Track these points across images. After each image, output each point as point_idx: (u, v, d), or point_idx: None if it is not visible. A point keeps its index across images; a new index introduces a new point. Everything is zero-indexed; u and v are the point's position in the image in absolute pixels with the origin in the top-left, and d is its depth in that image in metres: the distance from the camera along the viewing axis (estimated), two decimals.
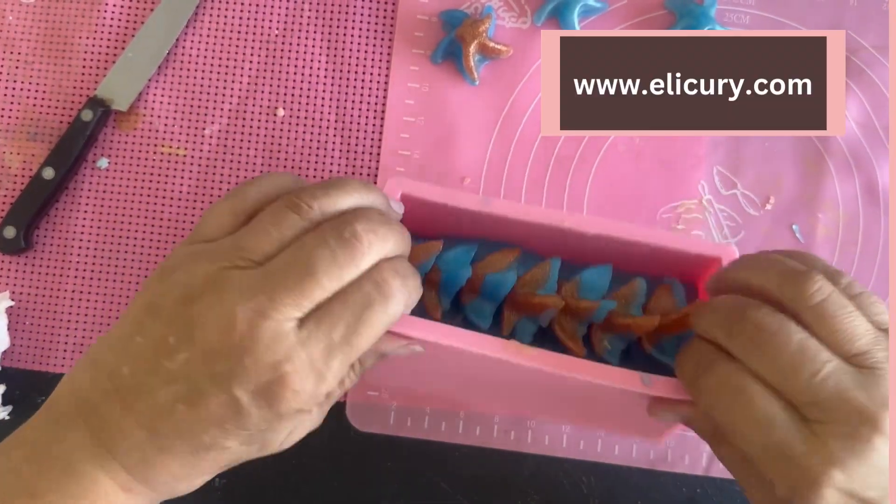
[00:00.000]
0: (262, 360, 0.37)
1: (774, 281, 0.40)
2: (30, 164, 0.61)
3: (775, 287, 0.39)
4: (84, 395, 0.40)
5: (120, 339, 0.40)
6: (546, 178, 0.61)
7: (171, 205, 0.61)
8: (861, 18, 0.62)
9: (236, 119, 0.62)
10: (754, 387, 0.38)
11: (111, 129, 0.62)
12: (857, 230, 0.61)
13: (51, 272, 0.60)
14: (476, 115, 0.62)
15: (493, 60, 0.62)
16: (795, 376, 0.37)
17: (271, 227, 0.40)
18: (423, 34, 0.63)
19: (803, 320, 0.38)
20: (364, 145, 0.62)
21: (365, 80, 0.63)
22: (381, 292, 0.40)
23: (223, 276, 0.39)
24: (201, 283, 0.39)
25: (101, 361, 0.40)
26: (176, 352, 0.38)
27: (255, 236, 0.40)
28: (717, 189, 0.61)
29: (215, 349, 0.38)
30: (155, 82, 0.62)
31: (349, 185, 0.42)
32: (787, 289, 0.39)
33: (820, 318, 0.38)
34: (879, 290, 0.60)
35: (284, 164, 0.61)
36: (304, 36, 0.63)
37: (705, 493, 0.57)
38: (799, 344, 0.37)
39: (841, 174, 0.61)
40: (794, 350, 0.37)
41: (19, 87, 0.62)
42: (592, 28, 0.63)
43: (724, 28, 0.61)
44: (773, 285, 0.40)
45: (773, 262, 0.41)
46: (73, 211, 0.61)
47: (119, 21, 0.63)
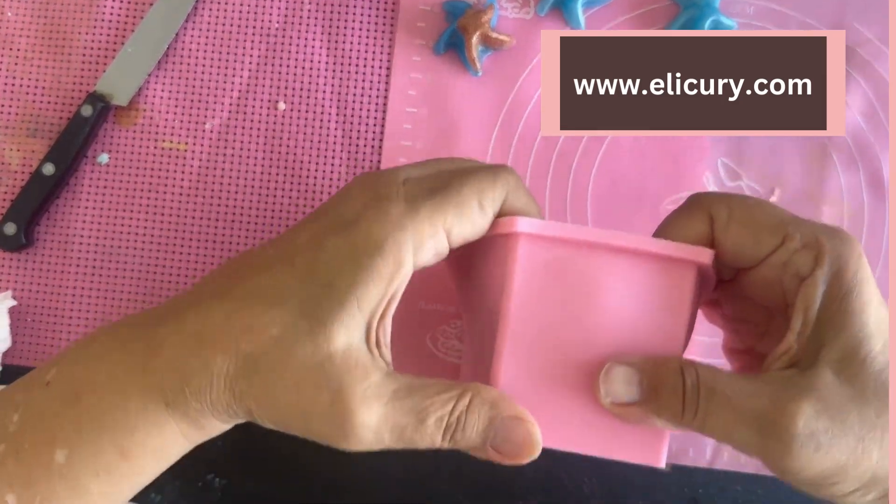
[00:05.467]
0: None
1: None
2: (30, 161, 0.61)
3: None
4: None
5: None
6: (549, 169, 0.61)
7: (172, 200, 0.61)
8: (865, 9, 0.62)
9: (237, 113, 0.61)
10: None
11: (111, 125, 0.61)
12: (861, 222, 0.60)
13: (52, 269, 0.60)
14: (479, 107, 0.62)
15: (496, 51, 0.62)
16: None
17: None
18: (425, 25, 0.62)
19: None
20: (366, 137, 0.61)
21: (366, 72, 0.62)
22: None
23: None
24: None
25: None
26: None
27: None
28: (721, 181, 0.61)
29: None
30: (155, 77, 0.62)
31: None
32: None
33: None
34: (884, 283, 0.59)
35: (286, 158, 0.61)
36: (305, 28, 0.62)
37: (707, 494, 0.57)
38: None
39: (845, 167, 0.61)
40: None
41: (18, 84, 0.62)
42: (596, 19, 0.62)
43: (728, 19, 0.60)
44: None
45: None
46: (73, 207, 0.61)
47: (118, 16, 0.62)
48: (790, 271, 0.40)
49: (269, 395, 0.39)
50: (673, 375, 0.40)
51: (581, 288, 0.42)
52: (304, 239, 0.41)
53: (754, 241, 0.41)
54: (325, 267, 0.40)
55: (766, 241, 0.41)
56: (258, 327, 0.39)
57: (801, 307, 0.39)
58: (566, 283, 0.42)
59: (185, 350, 0.40)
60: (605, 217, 0.60)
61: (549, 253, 0.42)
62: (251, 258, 0.43)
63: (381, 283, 0.39)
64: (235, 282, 0.42)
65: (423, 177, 0.43)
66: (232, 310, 0.40)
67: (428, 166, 0.44)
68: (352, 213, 0.41)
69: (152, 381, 0.41)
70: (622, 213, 0.60)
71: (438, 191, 0.41)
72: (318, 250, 0.40)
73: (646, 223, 0.60)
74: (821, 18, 0.62)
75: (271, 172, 0.61)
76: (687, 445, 0.58)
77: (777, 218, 0.41)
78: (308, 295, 0.39)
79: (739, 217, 0.42)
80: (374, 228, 0.40)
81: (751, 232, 0.41)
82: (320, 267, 0.40)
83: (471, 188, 0.41)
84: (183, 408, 0.40)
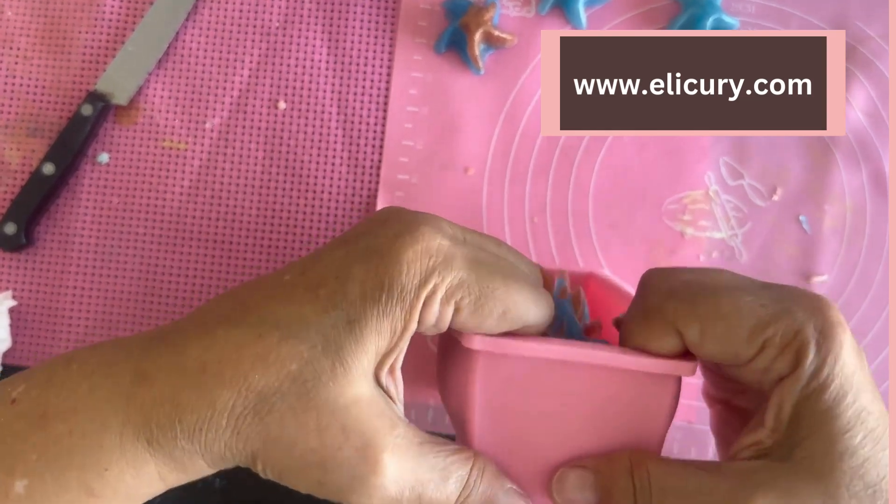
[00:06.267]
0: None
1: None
2: (30, 160, 0.61)
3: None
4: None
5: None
6: (551, 168, 0.61)
7: (172, 199, 0.61)
8: (867, 8, 0.62)
9: (237, 112, 0.61)
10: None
11: (111, 124, 0.61)
12: (864, 221, 0.60)
13: (52, 268, 0.60)
14: (480, 105, 0.61)
15: (498, 50, 0.62)
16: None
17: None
18: (427, 23, 0.62)
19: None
20: (367, 137, 0.61)
21: (367, 71, 0.62)
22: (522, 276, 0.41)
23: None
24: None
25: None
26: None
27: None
28: (723, 180, 0.60)
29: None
30: (155, 76, 0.62)
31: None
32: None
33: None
34: (886, 283, 0.59)
35: (286, 157, 0.61)
36: (305, 27, 0.62)
37: None
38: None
39: (848, 165, 0.60)
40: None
41: (18, 83, 0.62)
42: (597, 17, 0.62)
43: (730, 18, 0.60)
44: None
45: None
46: (73, 207, 0.61)
47: (118, 15, 0.62)
48: (770, 375, 0.38)
49: (284, 439, 0.36)
50: (624, 477, 0.39)
51: (550, 401, 0.41)
52: (330, 263, 0.39)
53: (733, 356, 0.38)
54: (348, 301, 0.37)
55: (744, 353, 0.38)
56: (274, 360, 0.36)
57: (776, 404, 0.38)
58: (534, 398, 0.41)
59: (184, 381, 0.37)
60: (606, 216, 0.60)
61: (512, 369, 0.40)
62: (265, 284, 0.40)
63: (398, 327, 0.37)
64: (248, 308, 0.38)
65: (470, 243, 0.41)
66: (243, 339, 0.37)
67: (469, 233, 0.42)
68: (386, 243, 0.38)
69: (137, 413, 0.37)
70: (624, 212, 0.60)
71: (485, 267, 0.39)
72: (346, 279, 0.37)
73: (647, 222, 0.60)
74: (822, 17, 0.62)
75: (272, 171, 0.61)
76: (689, 445, 0.58)
77: (753, 321, 0.38)
78: (331, 331, 0.37)
79: (712, 335, 0.38)
80: (406, 272, 0.37)
81: (727, 348, 0.38)
82: (345, 299, 0.37)
83: (517, 286, 0.39)
84: (169, 447, 0.37)
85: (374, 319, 0.37)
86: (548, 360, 0.40)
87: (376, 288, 0.37)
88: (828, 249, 0.60)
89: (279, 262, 0.60)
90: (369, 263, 0.38)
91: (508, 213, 0.60)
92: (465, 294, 0.38)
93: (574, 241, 0.60)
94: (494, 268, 0.39)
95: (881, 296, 0.59)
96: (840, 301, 0.59)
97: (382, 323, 0.37)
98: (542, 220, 0.60)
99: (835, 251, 0.60)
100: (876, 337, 0.59)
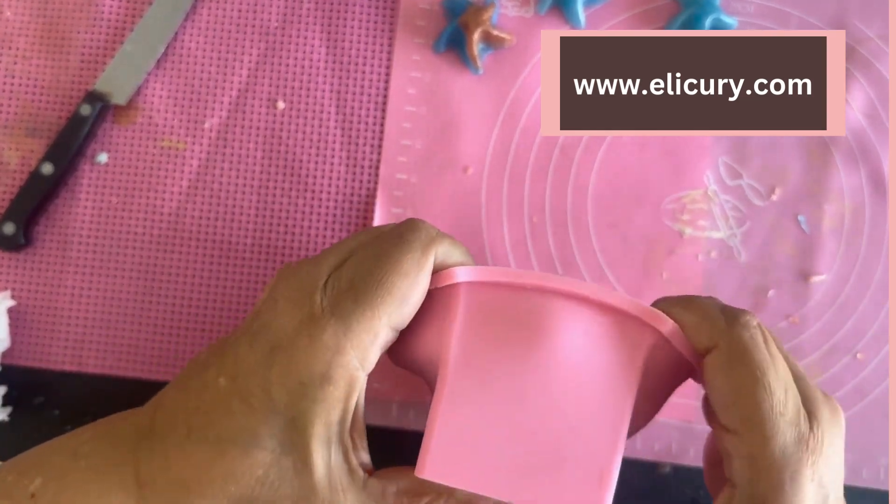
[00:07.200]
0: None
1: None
2: (28, 160, 0.61)
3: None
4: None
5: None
6: (550, 167, 0.61)
7: (171, 199, 0.61)
8: (866, 7, 0.62)
9: (236, 112, 0.61)
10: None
11: (110, 124, 0.61)
12: (862, 221, 0.60)
13: (50, 268, 0.60)
14: (479, 105, 0.61)
15: (497, 49, 0.62)
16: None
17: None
18: (425, 23, 0.62)
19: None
20: (365, 136, 0.61)
21: (366, 71, 0.62)
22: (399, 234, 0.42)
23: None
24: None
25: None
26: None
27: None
28: (722, 179, 0.60)
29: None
30: (154, 76, 0.62)
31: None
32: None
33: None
34: (885, 283, 0.59)
35: (285, 157, 0.61)
36: (304, 27, 0.62)
37: (707, 494, 0.57)
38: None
39: (846, 165, 0.60)
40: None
41: (17, 83, 0.62)
42: (596, 17, 0.62)
43: (729, 17, 0.60)
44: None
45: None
46: (72, 206, 0.60)
47: (117, 15, 0.62)
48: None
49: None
50: None
51: (525, 335, 0.41)
52: (249, 366, 0.40)
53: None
54: (281, 405, 0.39)
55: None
56: (242, 473, 0.39)
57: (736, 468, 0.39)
58: (509, 332, 0.41)
59: (174, 494, 0.40)
60: (605, 215, 0.60)
61: (491, 299, 0.41)
62: (205, 388, 0.42)
63: (339, 406, 0.39)
64: (202, 422, 0.41)
65: (343, 268, 0.42)
66: (210, 456, 0.39)
67: (343, 248, 0.43)
68: (286, 338, 0.40)
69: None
70: (623, 211, 0.60)
71: (362, 287, 0.40)
72: (268, 386, 0.39)
73: (646, 222, 0.60)
74: (822, 16, 0.62)
75: (270, 171, 0.61)
76: (687, 445, 0.58)
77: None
78: (278, 433, 0.39)
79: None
80: (313, 363, 0.39)
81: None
82: (277, 405, 0.39)
83: (397, 272, 0.40)
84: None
85: (313, 410, 0.39)
86: (528, 288, 0.40)
87: (297, 387, 0.39)
88: (826, 249, 0.60)
89: (278, 262, 0.60)
90: (280, 365, 0.40)
91: (507, 213, 0.60)
92: (375, 320, 0.40)
93: (573, 241, 0.60)
94: (370, 262, 0.41)
95: (880, 295, 0.59)
96: (839, 300, 0.59)
97: (320, 407, 0.39)
98: (540, 219, 0.60)
99: (833, 251, 0.60)
100: (875, 336, 0.59)
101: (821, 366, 0.59)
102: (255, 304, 0.47)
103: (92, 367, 0.59)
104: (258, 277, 0.60)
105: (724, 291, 0.59)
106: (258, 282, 0.60)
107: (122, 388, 0.59)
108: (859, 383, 0.59)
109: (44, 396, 0.59)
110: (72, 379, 0.59)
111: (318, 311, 0.40)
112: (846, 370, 0.59)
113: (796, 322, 0.59)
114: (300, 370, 0.39)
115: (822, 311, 0.59)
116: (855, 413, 0.59)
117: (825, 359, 0.59)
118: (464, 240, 0.59)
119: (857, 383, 0.59)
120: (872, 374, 0.59)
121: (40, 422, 0.59)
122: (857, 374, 0.59)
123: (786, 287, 0.60)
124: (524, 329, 0.41)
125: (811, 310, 0.59)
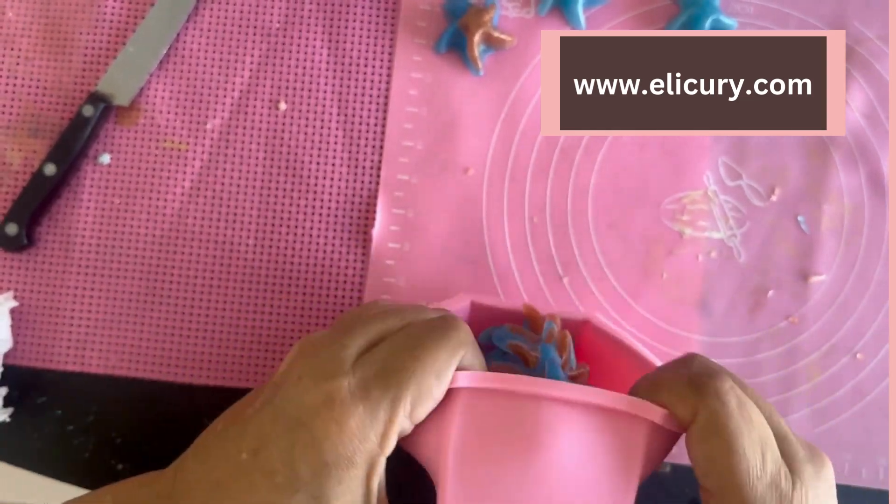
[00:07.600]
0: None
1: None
2: (31, 161, 0.61)
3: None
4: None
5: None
6: (551, 167, 0.61)
7: (173, 200, 0.61)
8: (866, 8, 0.62)
9: (238, 113, 0.62)
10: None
11: (112, 125, 0.61)
12: (862, 221, 0.60)
13: (53, 269, 0.60)
14: (480, 106, 0.62)
15: (497, 51, 0.62)
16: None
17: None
18: (426, 24, 0.62)
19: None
20: (367, 137, 0.61)
21: (367, 72, 0.62)
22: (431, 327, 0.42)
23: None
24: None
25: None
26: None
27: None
28: (722, 180, 0.61)
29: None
30: (156, 77, 0.62)
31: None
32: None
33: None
34: (884, 283, 0.60)
35: (287, 158, 0.61)
36: (306, 28, 0.62)
37: None
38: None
39: (846, 166, 0.61)
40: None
41: (20, 84, 0.62)
42: (596, 18, 0.62)
43: (729, 18, 0.60)
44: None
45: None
46: (74, 207, 0.61)
47: (119, 16, 0.62)
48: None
49: None
50: None
51: (522, 448, 0.40)
52: (272, 441, 0.40)
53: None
54: (305, 482, 0.39)
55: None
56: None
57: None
58: (506, 445, 0.41)
59: None
60: (605, 216, 0.60)
61: (489, 405, 0.41)
62: (226, 461, 0.42)
63: (362, 487, 0.39)
64: (224, 496, 0.40)
65: (374, 353, 0.41)
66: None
67: (371, 329, 0.43)
68: (309, 417, 0.40)
69: None
70: (623, 211, 0.60)
71: (394, 377, 0.40)
72: (292, 463, 0.39)
73: (646, 222, 0.60)
74: (821, 17, 0.62)
75: (272, 172, 0.61)
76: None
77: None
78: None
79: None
80: (339, 447, 0.39)
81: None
82: (301, 482, 0.39)
83: (428, 368, 0.40)
84: None
85: (337, 490, 0.39)
86: (525, 395, 0.40)
87: (322, 467, 0.39)
88: (826, 249, 0.60)
89: (278, 262, 0.60)
90: (304, 444, 0.39)
91: (508, 213, 0.60)
92: (401, 410, 0.40)
93: (573, 241, 0.60)
94: (404, 353, 0.41)
95: (879, 295, 0.60)
96: (838, 300, 0.59)
97: (344, 488, 0.39)
98: (541, 219, 0.60)
99: (833, 251, 0.60)
100: (874, 336, 0.59)
101: (820, 366, 0.59)
102: (273, 375, 0.47)
103: (94, 368, 0.59)
104: (260, 277, 0.60)
105: (723, 291, 0.60)
106: (260, 282, 0.60)
107: (124, 389, 0.59)
108: (859, 383, 0.59)
109: (46, 397, 0.59)
110: (74, 379, 0.59)
111: (345, 396, 0.39)
112: (846, 370, 0.59)
113: (796, 322, 0.59)
114: (325, 451, 0.39)
115: (822, 311, 0.60)
116: (854, 413, 0.59)
117: (825, 359, 0.59)
118: (464, 240, 0.60)
119: (857, 383, 0.59)
120: (872, 374, 0.59)
121: (43, 422, 0.59)
122: (857, 374, 0.59)
123: (785, 287, 0.60)
124: (521, 440, 0.41)
125: (811, 310, 0.60)
